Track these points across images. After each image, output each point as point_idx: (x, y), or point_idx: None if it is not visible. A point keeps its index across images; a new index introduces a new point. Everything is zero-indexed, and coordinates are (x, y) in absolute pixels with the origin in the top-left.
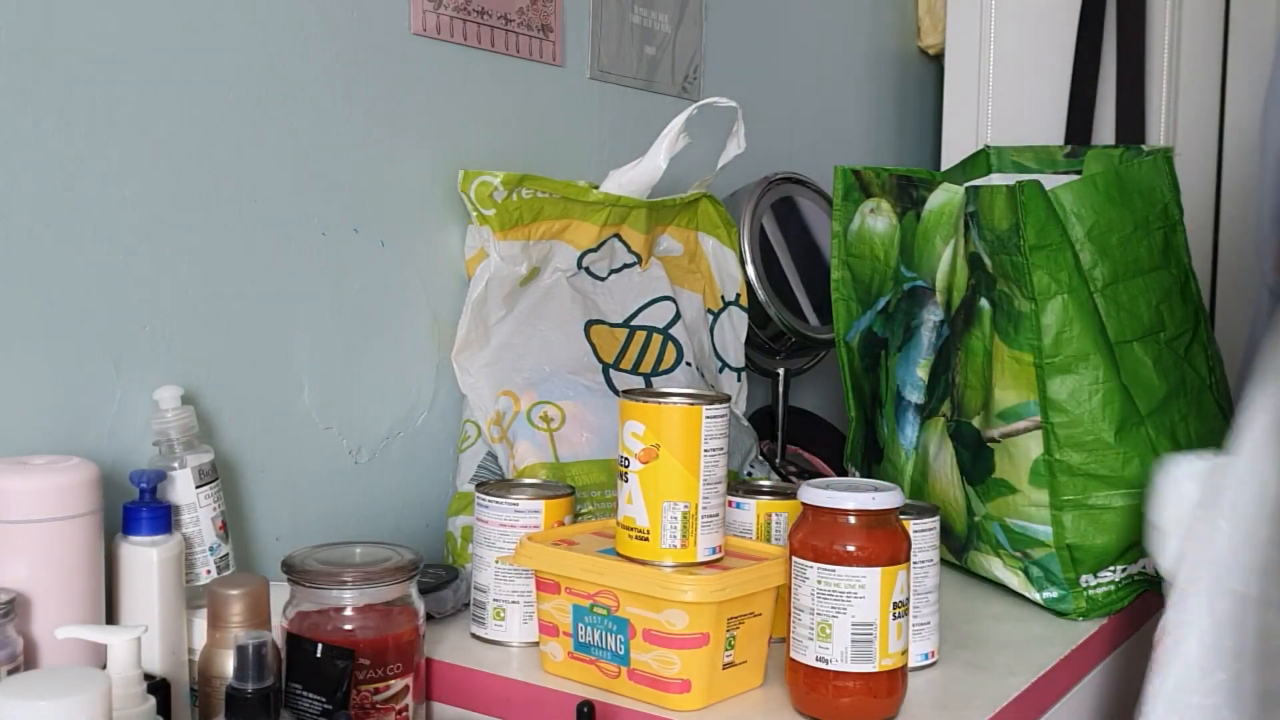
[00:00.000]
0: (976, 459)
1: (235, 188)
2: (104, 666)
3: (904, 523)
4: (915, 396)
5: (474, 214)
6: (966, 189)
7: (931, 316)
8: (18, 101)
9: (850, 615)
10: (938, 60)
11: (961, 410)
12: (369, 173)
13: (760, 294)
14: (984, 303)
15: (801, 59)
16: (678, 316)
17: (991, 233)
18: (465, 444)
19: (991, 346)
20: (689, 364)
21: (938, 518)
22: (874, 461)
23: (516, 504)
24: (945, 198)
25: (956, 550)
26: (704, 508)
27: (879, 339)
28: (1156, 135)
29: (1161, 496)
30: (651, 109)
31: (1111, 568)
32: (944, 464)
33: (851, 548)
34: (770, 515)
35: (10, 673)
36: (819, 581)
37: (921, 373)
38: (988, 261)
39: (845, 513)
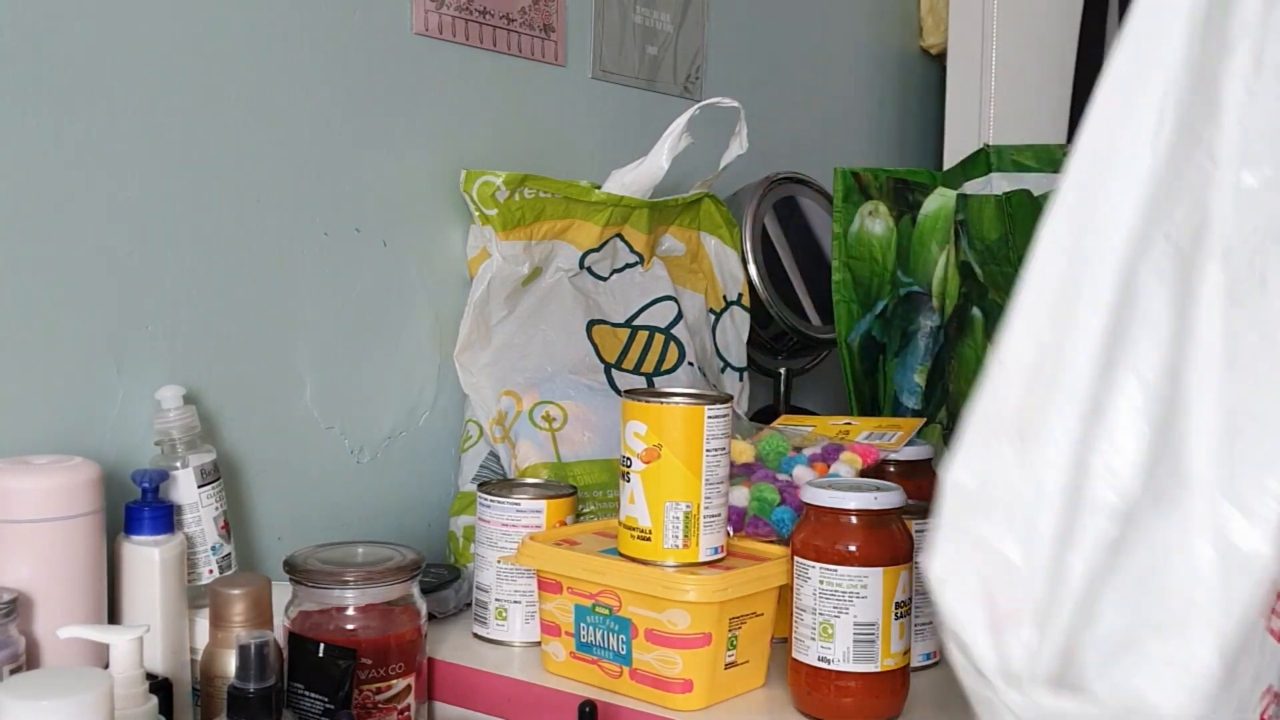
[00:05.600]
0: None
1: (237, 187)
2: (106, 666)
3: (906, 523)
4: (912, 402)
5: (476, 214)
6: (957, 197)
7: (928, 322)
8: (20, 102)
9: (852, 615)
10: (940, 60)
11: (956, 419)
12: (371, 173)
13: (762, 294)
14: (976, 312)
15: (804, 59)
16: (680, 316)
17: (981, 243)
18: (467, 444)
19: (985, 356)
20: (691, 364)
21: None
22: None
23: (518, 504)
24: (940, 202)
25: None
26: (706, 508)
27: (877, 343)
28: None
29: None
30: (653, 109)
31: None
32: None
33: (853, 547)
34: None
35: (12, 672)
36: (821, 581)
37: (919, 379)
38: (978, 271)
39: (847, 512)
